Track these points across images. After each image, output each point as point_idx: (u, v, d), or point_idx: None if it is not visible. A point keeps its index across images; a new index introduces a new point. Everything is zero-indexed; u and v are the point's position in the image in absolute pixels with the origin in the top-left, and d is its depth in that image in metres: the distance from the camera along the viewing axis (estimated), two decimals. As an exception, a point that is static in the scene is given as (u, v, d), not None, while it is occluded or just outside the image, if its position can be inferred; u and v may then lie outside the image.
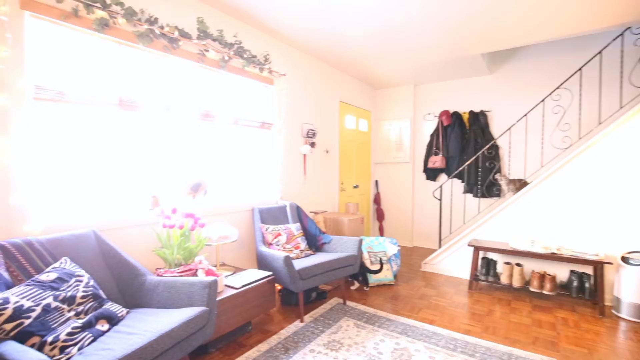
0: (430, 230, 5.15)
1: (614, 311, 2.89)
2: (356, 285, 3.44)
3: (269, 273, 2.51)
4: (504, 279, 3.30)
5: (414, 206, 5.29)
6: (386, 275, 3.48)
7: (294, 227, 3.04)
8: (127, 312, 1.76)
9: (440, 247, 4.10)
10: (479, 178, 4.56)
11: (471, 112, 4.70)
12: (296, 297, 2.86)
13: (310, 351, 2.20)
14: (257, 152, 3.33)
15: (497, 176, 3.88)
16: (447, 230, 4.89)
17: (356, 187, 5.00)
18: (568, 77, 3.76)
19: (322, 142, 4.16)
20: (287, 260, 2.44)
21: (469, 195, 4.78)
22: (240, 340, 2.37)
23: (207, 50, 2.63)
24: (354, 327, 2.54)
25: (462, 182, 4.78)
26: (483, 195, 4.58)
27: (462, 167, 4.48)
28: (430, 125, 5.12)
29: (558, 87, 3.80)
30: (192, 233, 2.36)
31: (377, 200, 5.43)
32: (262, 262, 2.76)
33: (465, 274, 3.75)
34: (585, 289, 2.96)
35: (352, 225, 3.71)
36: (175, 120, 2.56)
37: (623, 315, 2.80)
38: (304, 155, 3.80)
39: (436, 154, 4.94)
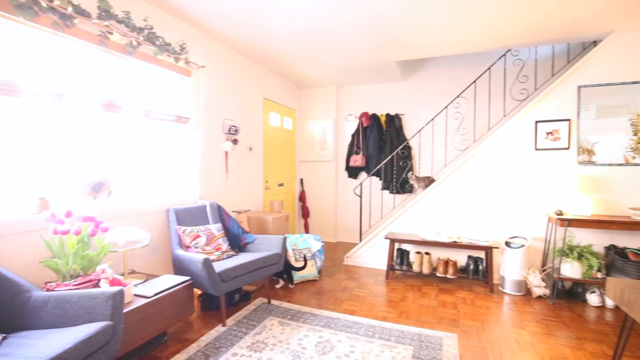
0: (352, 226, 5.41)
1: (500, 288, 3.41)
2: (281, 283, 3.43)
3: (187, 278, 2.34)
4: (415, 267, 3.64)
5: (337, 203, 5.50)
6: (310, 271, 3.54)
7: (215, 228, 2.90)
8: (4, 338, 1.47)
9: (361, 241, 4.34)
10: (394, 176, 4.94)
11: (388, 115, 5.07)
12: (217, 300, 2.73)
13: (233, 355, 2.12)
14: (172, 148, 3.08)
15: (409, 175, 4.25)
16: (367, 225, 5.19)
17: (281, 185, 4.98)
18: (465, 88, 4.32)
19: (245, 139, 4.04)
20: (207, 262, 2.31)
21: (386, 192, 5.15)
22: (154, 353, 2.16)
23: (110, 33, 2.33)
24: (279, 325, 2.53)
25: (380, 179, 5.13)
26: (398, 192, 4.97)
27: (380, 165, 4.81)
28: (352, 126, 5.37)
29: (457, 96, 4.34)
30: (92, 239, 2.08)
31: (302, 198, 5.50)
32: (178, 267, 2.56)
33: (383, 265, 4.03)
34: (479, 271, 3.44)
35: (277, 224, 3.69)
36: (71, 109, 2.22)
37: (507, 290, 3.32)
38: (226, 152, 3.64)
39: (357, 153, 5.21)
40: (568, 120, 3.34)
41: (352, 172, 5.33)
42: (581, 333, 2.50)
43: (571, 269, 3.03)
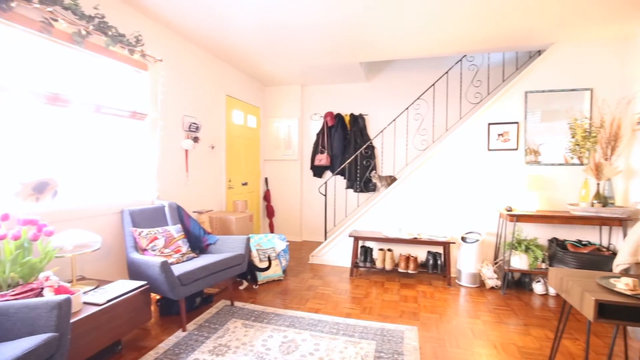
0: (318, 224, 5.43)
1: (457, 281, 3.59)
2: (245, 284, 3.37)
3: (143, 282, 2.22)
4: (378, 264, 3.73)
5: (303, 202, 5.49)
6: (275, 271, 3.51)
7: (174, 229, 2.78)
8: None
9: (326, 239, 4.37)
10: (358, 175, 5.03)
11: (352, 115, 5.14)
12: (177, 305, 2.62)
13: (194, 361, 2.05)
14: (127, 146, 2.90)
15: (372, 174, 4.35)
16: (332, 224, 5.24)
17: (245, 184, 4.89)
18: (425, 91, 4.49)
19: (207, 137, 3.91)
20: (165, 266, 2.21)
21: (350, 191, 5.23)
22: (106, 365, 2.03)
23: (55, 20, 2.15)
24: (242, 327, 2.48)
25: (345, 178, 5.20)
26: (362, 191, 5.07)
27: (344, 164, 4.87)
28: (317, 125, 5.39)
29: (417, 98, 4.50)
30: (34, 244, 1.91)
31: (267, 197, 5.43)
32: (134, 271, 2.42)
33: (348, 262, 4.08)
34: (438, 266, 3.60)
35: (241, 224, 3.61)
36: (9, 102, 2.02)
37: (463, 283, 3.51)
38: (186, 150, 3.50)
39: (322, 152, 5.24)
40: (516, 123, 3.59)
41: (317, 171, 5.35)
42: (528, 319, 2.70)
43: (519, 261, 3.27)
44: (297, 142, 5.35)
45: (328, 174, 5.35)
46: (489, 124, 3.66)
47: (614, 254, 3.04)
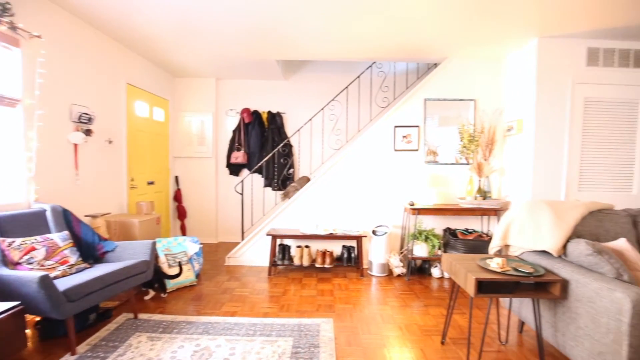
0: (234, 225, 5.24)
1: (369, 272, 3.85)
2: (151, 293, 3.06)
3: (14, 303, 1.83)
4: (296, 261, 3.78)
5: (218, 202, 5.24)
6: (187, 277, 3.27)
7: (59, 237, 2.36)
8: None
9: (243, 239, 4.25)
10: (276, 173, 5.01)
11: (269, 113, 5.09)
12: (64, 325, 2.24)
13: (86, 387, 1.78)
14: (-9, 138, 2.37)
15: (290, 187, 4.37)
16: (249, 223, 5.12)
17: (151, 183, 4.44)
18: (338, 93, 4.70)
19: (103, 129, 3.43)
20: (45, 281, 1.86)
21: (268, 189, 5.18)
22: (-41, 410, 1.63)
23: None
24: (147, 341, 2.25)
25: (262, 177, 5.12)
26: (279, 189, 5.06)
27: (261, 162, 4.80)
28: (233, 121, 5.20)
29: (332, 100, 4.69)
30: None
31: (177, 197, 5.02)
32: (2, 291, 1.99)
33: (266, 262, 4.04)
34: (352, 258, 3.80)
35: (145, 227, 3.27)
36: None
37: (374, 273, 3.78)
38: (75, 144, 3.01)
39: (238, 149, 5.07)
40: (418, 126, 4.01)
41: (234, 169, 5.16)
42: (427, 301, 3.05)
43: (420, 249, 3.66)
44: (212, 138, 5.07)
45: (245, 172, 5.20)
46: (395, 126, 4.01)
47: (491, 238, 3.62)
